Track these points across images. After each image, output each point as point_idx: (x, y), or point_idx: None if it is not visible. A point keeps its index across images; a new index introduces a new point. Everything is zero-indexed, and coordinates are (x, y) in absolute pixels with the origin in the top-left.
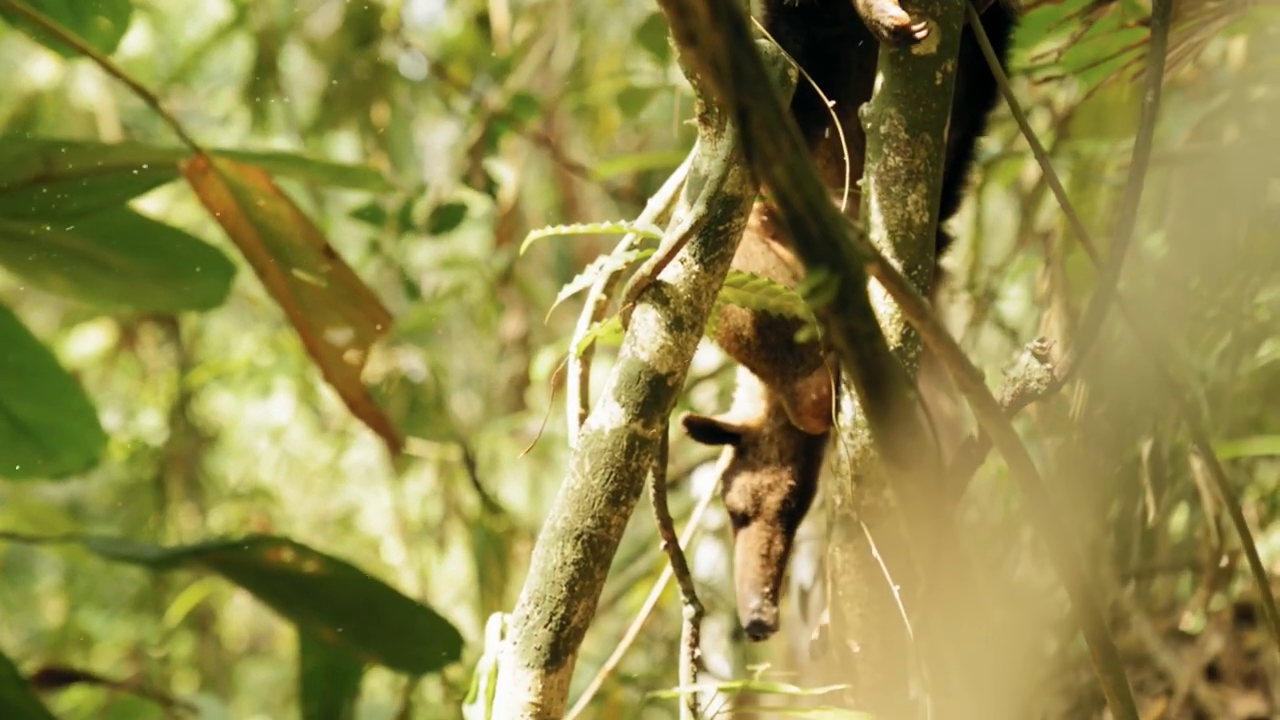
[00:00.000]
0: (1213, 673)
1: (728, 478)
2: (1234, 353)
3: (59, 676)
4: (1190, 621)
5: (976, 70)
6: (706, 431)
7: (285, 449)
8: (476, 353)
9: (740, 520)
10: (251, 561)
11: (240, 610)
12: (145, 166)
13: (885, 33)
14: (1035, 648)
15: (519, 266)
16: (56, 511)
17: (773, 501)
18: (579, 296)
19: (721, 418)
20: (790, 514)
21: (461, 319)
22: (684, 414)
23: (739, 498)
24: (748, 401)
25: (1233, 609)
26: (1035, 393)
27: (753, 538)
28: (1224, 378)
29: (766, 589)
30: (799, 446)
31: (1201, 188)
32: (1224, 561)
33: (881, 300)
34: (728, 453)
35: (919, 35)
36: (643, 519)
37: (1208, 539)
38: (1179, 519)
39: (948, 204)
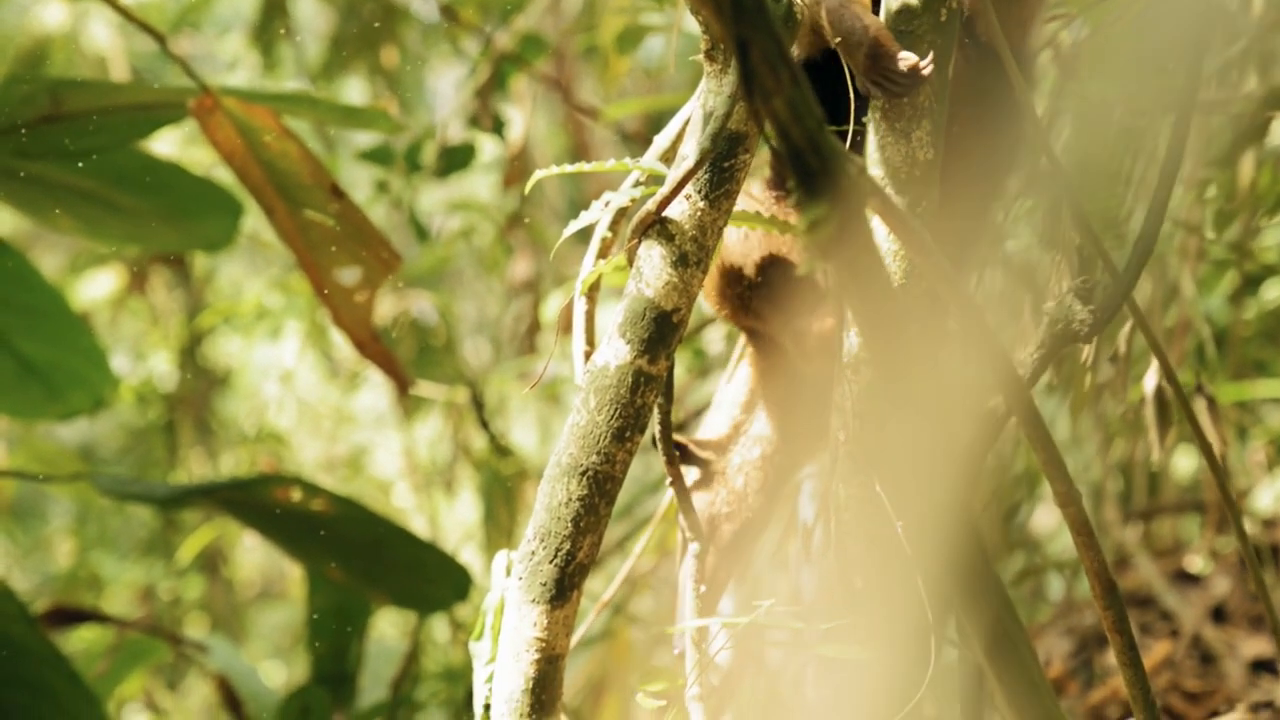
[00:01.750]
0: (1219, 614)
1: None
2: (1241, 295)
3: (68, 615)
4: (1196, 563)
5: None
6: (687, 454)
7: (295, 393)
8: (486, 298)
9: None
10: (260, 500)
11: (250, 554)
12: (153, 106)
13: (895, 82)
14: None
15: (528, 211)
16: (66, 454)
17: (727, 531)
18: (588, 238)
19: (694, 439)
20: (741, 547)
21: (471, 264)
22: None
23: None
24: (722, 424)
25: (1239, 551)
26: (1077, 334)
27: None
28: (1231, 320)
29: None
30: (765, 481)
31: (1215, 134)
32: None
33: (885, 237)
34: (694, 471)
35: (925, 73)
36: (653, 464)
37: (1212, 481)
38: (1186, 461)
39: None
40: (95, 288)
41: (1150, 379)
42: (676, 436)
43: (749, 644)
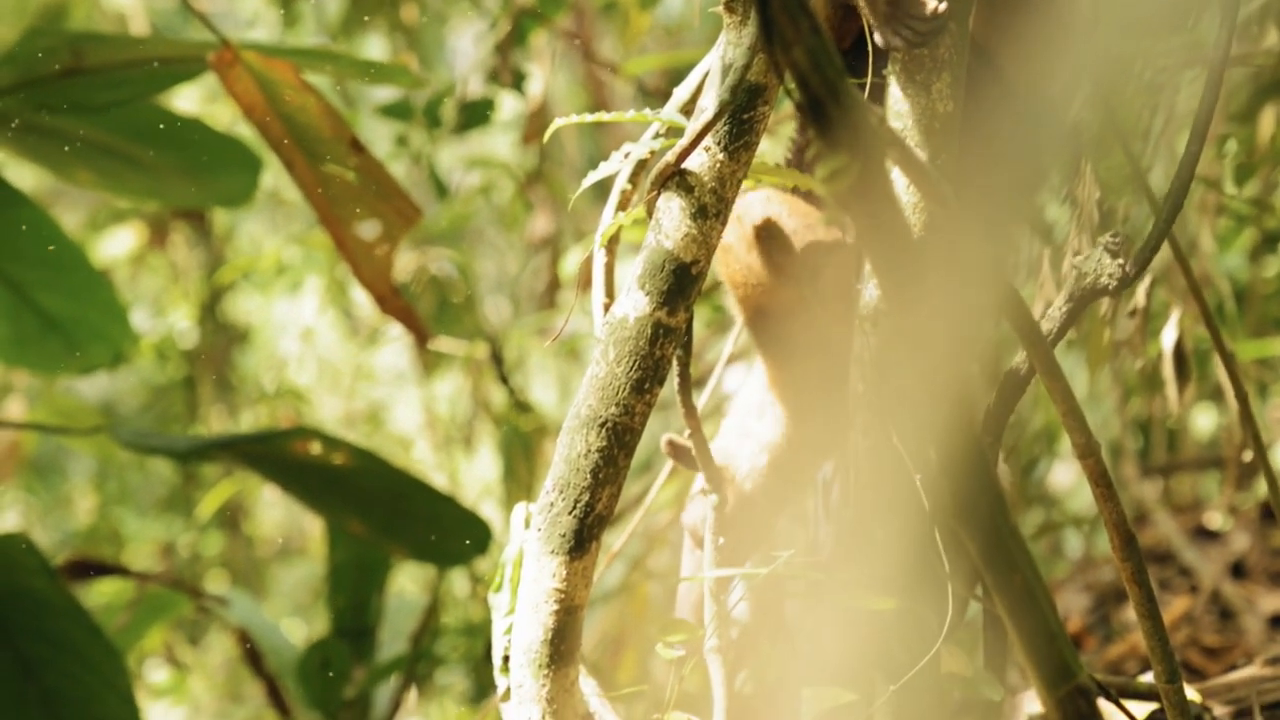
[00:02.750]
0: (1238, 570)
1: (694, 497)
2: (1260, 252)
3: (89, 568)
4: (1215, 520)
5: None
6: (688, 458)
7: (315, 350)
8: (505, 255)
9: (694, 543)
10: (280, 453)
11: (270, 510)
12: (173, 60)
13: (915, 30)
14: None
15: (548, 168)
16: (87, 409)
17: (736, 536)
18: (607, 195)
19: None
20: (750, 551)
21: (490, 222)
22: (666, 436)
23: (700, 525)
24: (734, 439)
25: (1259, 507)
26: (1106, 288)
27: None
28: (1250, 277)
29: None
30: (774, 487)
31: (1235, 89)
32: (1247, 457)
33: (904, 190)
34: (702, 479)
35: (942, 9)
36: (671, 420)
37: (1232, 437)
38: (1205, 419)
39: None
40: (115, 245)
41: (1169, 334)
42: (686, 442)
43: (767, 599)
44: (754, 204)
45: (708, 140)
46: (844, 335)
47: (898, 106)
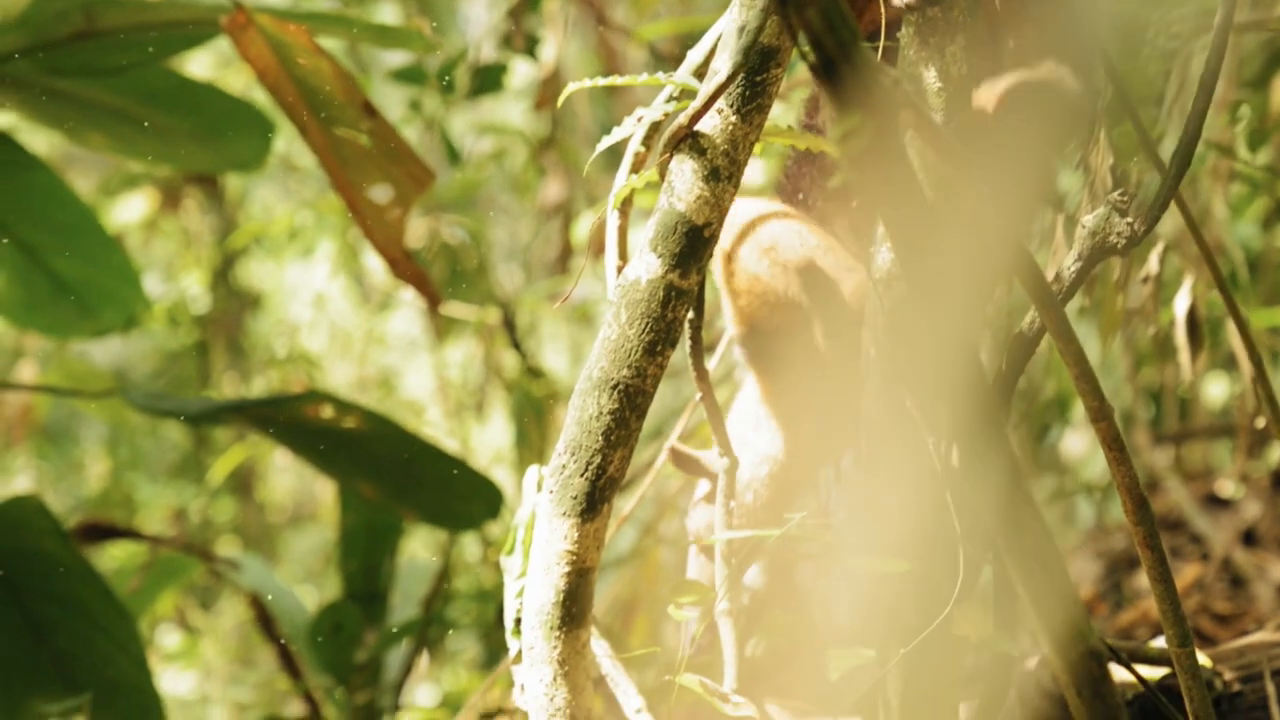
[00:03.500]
0: (1249, 538)
1: (698, 504)
2: (1273, 219)
3: (101, 531)
4: (1227, 488)
5: None
6: (691, 465)
7: (327, 316)
8: (517, 223)
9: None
10: (292, 417)
11: (281, 476)
12: (187, 23)
13: None
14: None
15: (560, 134)
16: (99, 373)
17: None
18: (619, 163)
19: (708, 455)
20: (749, 559)
21: (502, 190)
22: (669, 443)
23: (704, 531)
24: (736, 447)
25: (1270, 475)
26: (1114, 247)
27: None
28: (1263, 245)
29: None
30: (772, 497)
31: (1248, 56)
32: (1260, 424)
33: (916, 155)
34: (705, 485)
35: None
36: (682, 388)
37: (1244, 405)
38: (1217, 387)
39: None
40: (127, 210)
41: (1182, 300)
42: (689, 450)
43: (779, 565)
44: (769, 220)
45: (720, 103)
46: (843, 358)
47: (911, 70)
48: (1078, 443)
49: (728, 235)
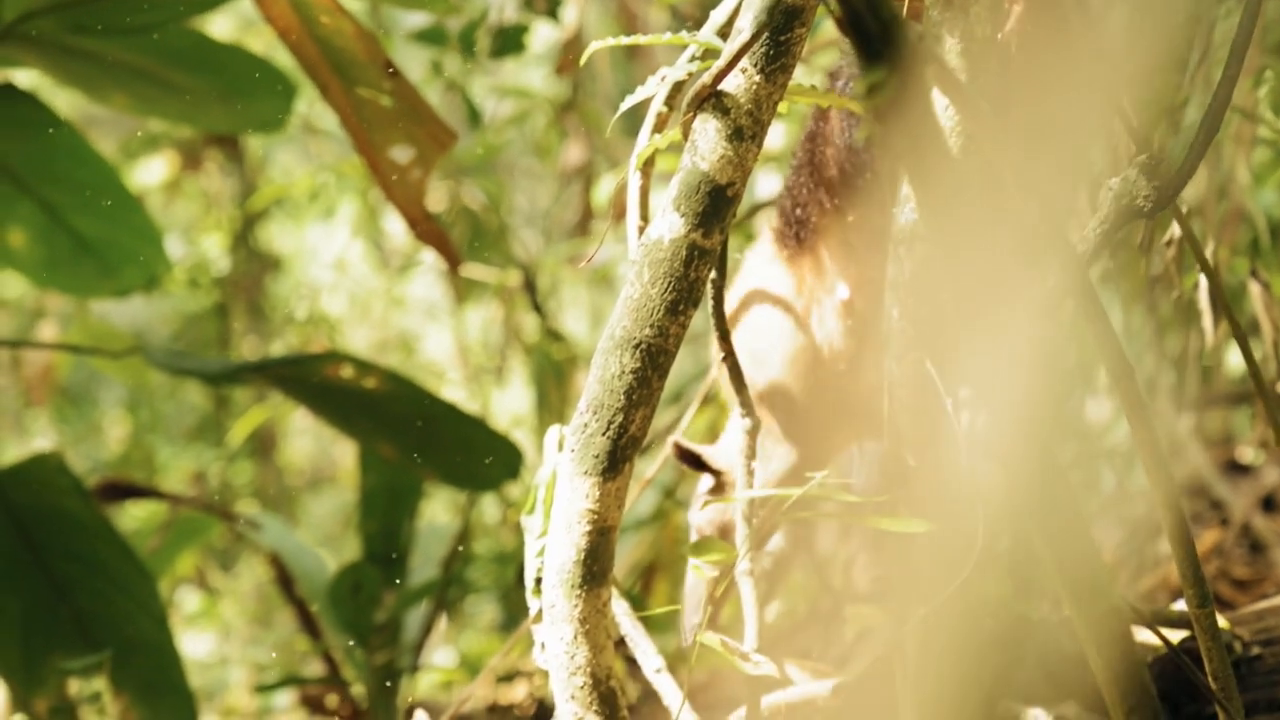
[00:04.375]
0: (1269, 504)
1: (702, 500)
2: None
3: (122, 490)
4: (1247, 454)
5: None
6: (694, 460)
7: (346, 280)
8: (537, 189)
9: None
10: (312, 377)
11: (300, 439)
12: None
13: None
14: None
15: (581, 98)
16: (119, 334)
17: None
18: (639, 127)
19: (711, 450)
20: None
21: (522, 156)
22: (673, 438)
23: (707, 526)
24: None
25: None
26: (1141, 210)
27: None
28: None
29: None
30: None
31: (1272, 21)
32: None
33: (942, 112)
34: (710, 480)
35: None
36: (700, 355)
37: (1265, 372)
38: (1238, 355)
39: None
40: (148, 173)
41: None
42: (693, 446)
43: (799, 529)
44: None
45: (744, 62)
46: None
47: (935, 29)
48: (1099, 409)
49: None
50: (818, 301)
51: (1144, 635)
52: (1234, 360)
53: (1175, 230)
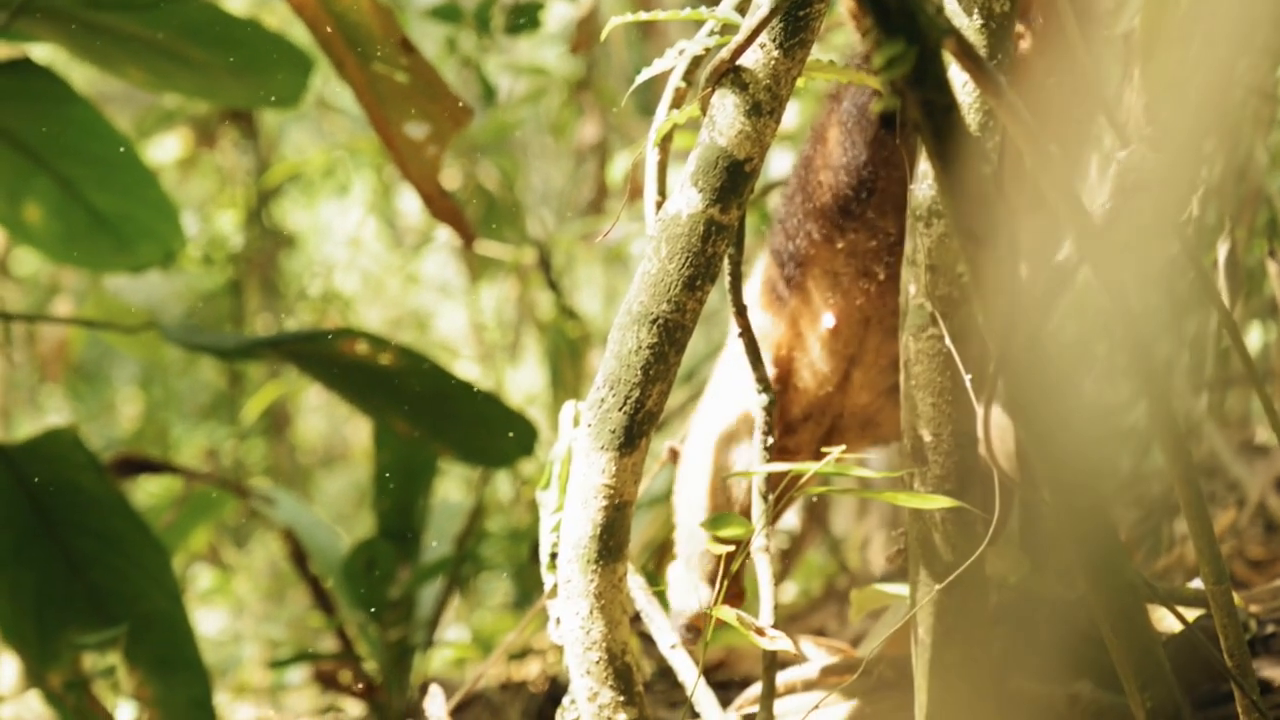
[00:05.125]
0: None
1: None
2: None
3: (136, 465)
4: (1264, 435)
5: None
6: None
7: (360, 258)
8: (551, 169)
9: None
10: (327, 352)
11: (312, 417)
12: None
13: None
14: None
15: (596, 75)
16: (133, 310)
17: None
18: (654, 109)
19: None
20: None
21: (536, 135)
22: (669, 444)
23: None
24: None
25: None
26: (1147, 184)
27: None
28: None
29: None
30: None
31: None
32: None
33: (960, 88)
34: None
35: None
36: (713, 335)
37: None
38: (1256, 335)
39: None
40: (162, 151)
41: (1222, 246)
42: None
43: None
44: None
45: (763, 37)
46: None
47: (953, 5)
48: (1115, 389)
49: None
50: (801, 342)
51: (1159, 614)
52: (1251, 340)
53: (1193, 209)
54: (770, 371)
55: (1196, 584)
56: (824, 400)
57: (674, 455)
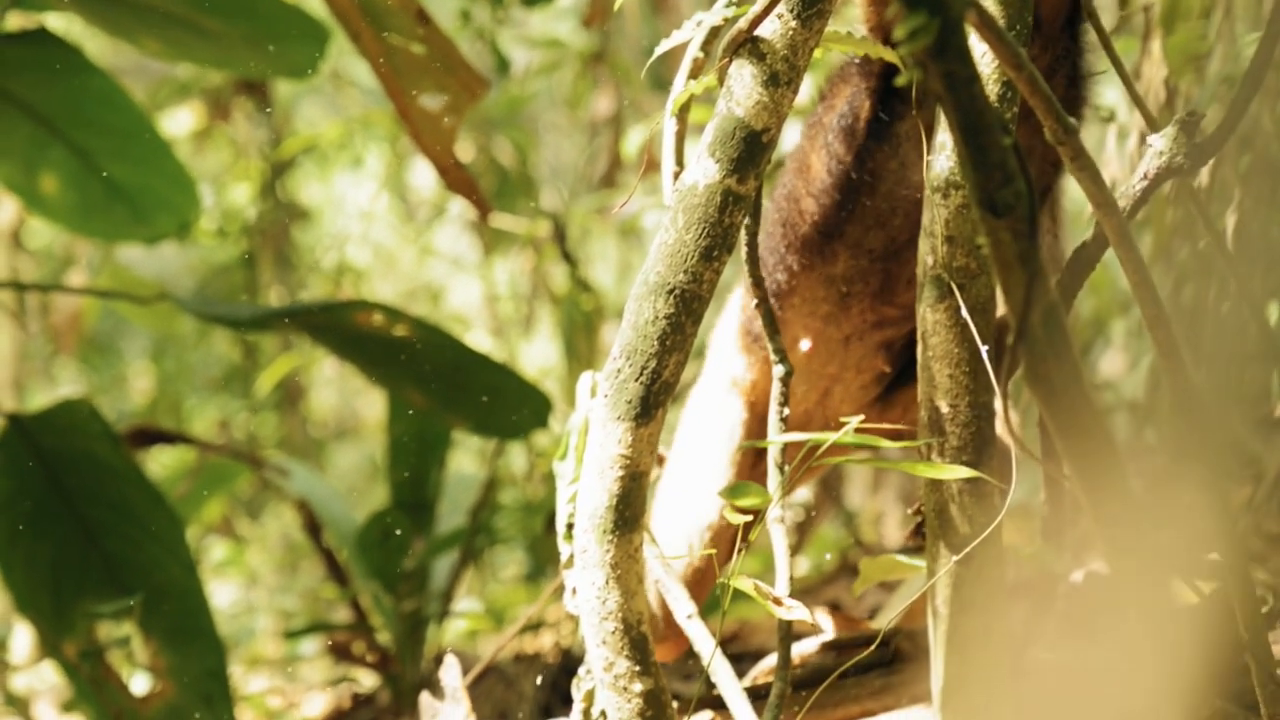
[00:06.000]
0: None
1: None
2: None
3: (151, 436)
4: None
5: None
6: None
7: (373, 232)
8: (563, 144)
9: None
10: (342, 324)
11: (324, 392)
12: None
13: None
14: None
15: (611, 48)
16: (148, 282)
17: None
18: (668, 84)
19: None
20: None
21: (548, 109)
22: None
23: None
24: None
25: None
26: (1180, 168)
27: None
28: None
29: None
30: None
31: None
32: None
33: (980, 59)
34: None
35: None
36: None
37: None
38: (1271, 310)
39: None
40: (176, 123)
41: (1231, 217)
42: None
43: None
44: None
45: (780, 7)
46: None
47: None
48: (1115, 361)
49: None
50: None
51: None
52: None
53: (1203, 180)
54: (743, 416)
55: (1212, 556)
56: (803, 419)
57: (660, 461)
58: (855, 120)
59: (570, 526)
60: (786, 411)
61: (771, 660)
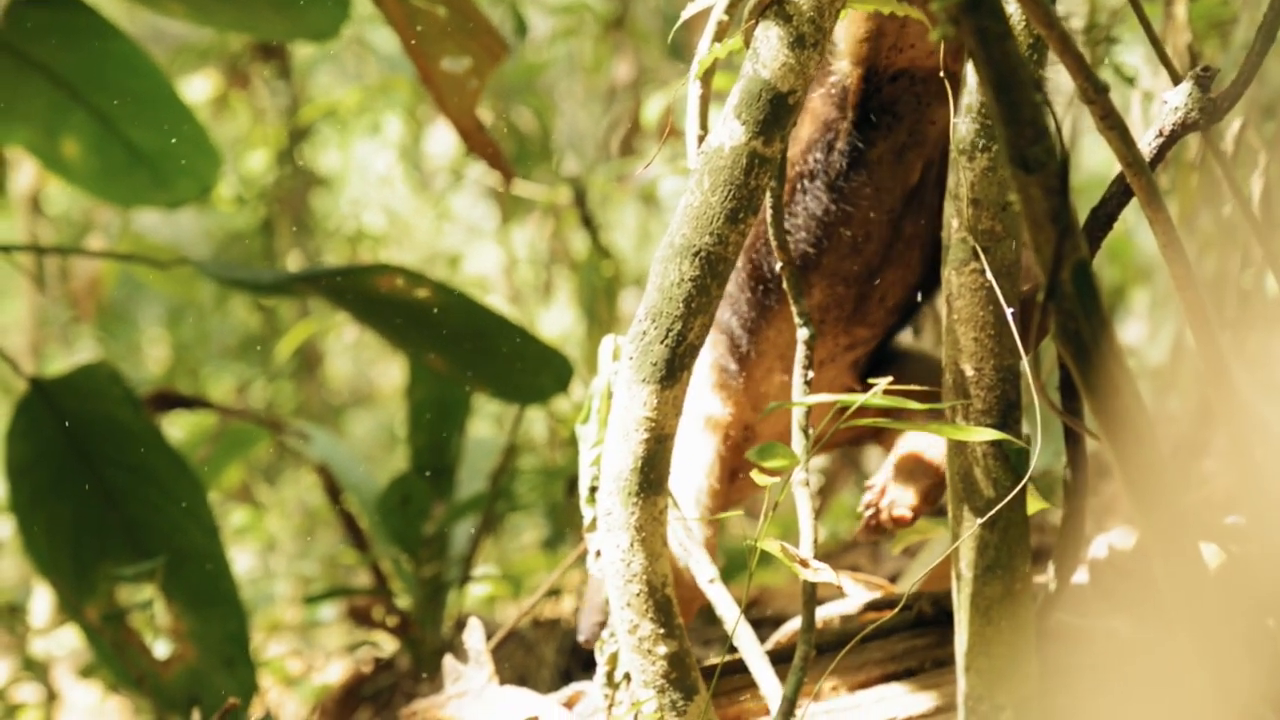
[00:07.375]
0: None
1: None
2: None
3: (172, 400)
4: None
5: None
6: None
7: (391, 197)
8: (580, 113)
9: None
10: (362, 288)
11: (339, 360)
12: None
13: None
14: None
15: (630, 15)
16: (167, 248)
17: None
18: (686, 57)
19: None
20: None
21: (565, 77)
22: None
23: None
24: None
25: None
26: (1196, 123)
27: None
28: None
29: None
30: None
31: None
32: None
33: (1012, 12)
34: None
35: None
36: None
37: None
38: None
39: None
40: (194, 90)
41: (1256, 182)
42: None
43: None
44: None
45: None
46: None
47: None
48: (1138, 329)
49: None
50: (757, 410)
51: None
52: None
53: (1228, 146)
54: (719, 451)
55: (1232, 520)
56: (780, 439)
57: None
58: (830, 152)
59: (593, 490)
60: (811, 374)
61: (791, 625)
